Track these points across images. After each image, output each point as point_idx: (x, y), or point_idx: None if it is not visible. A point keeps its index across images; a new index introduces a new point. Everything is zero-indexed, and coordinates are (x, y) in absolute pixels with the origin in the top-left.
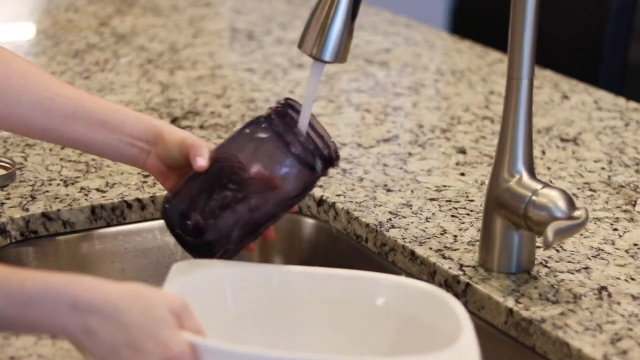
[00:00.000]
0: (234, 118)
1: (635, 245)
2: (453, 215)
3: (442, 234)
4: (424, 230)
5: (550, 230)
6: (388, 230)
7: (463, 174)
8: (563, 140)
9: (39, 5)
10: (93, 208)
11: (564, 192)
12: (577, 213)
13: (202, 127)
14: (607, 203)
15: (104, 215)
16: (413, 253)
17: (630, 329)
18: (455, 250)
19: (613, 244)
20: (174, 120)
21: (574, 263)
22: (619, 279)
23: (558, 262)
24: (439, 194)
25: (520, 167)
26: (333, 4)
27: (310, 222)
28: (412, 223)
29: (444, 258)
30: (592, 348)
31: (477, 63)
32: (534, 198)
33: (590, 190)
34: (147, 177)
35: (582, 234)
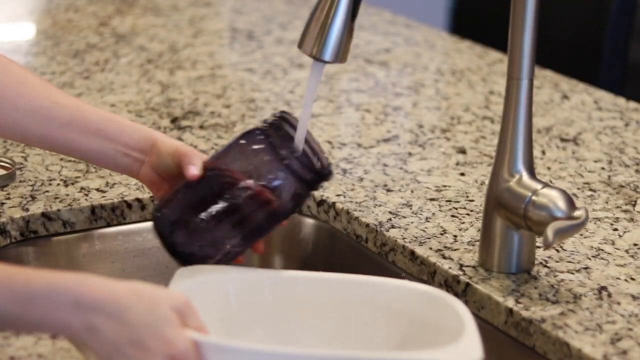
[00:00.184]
0: (234, 118)
1: (635, 245)
2: (453, 215)
3: (442, 234)
4: (424, 230)
5: (550, 230)
6: (388, 230)
7: (463, 174)
8: (563, 140)
9: (39, 5)
10: (93, 208)
11: (564, 192)
12: (577, 213)
13: (202, 127)
14: (607, 203)
15: (104, 215)
16: (413, 253)
17: (630, 329)
18: (455, 250)
19: (613, 244)
20: (174, 120)
21: (574, 263)
22: (619, 279)
23: (558, 262)
24: (439, 194)
25: (520, 167)
26: (333, 4)
27: (310, 222)
28: (412, 223)
29: (444, 258)
30: (592, 348)
31: (477, 63)
32: (534, 198)
33: (590, 190)
34: None
35: (582, 234)
